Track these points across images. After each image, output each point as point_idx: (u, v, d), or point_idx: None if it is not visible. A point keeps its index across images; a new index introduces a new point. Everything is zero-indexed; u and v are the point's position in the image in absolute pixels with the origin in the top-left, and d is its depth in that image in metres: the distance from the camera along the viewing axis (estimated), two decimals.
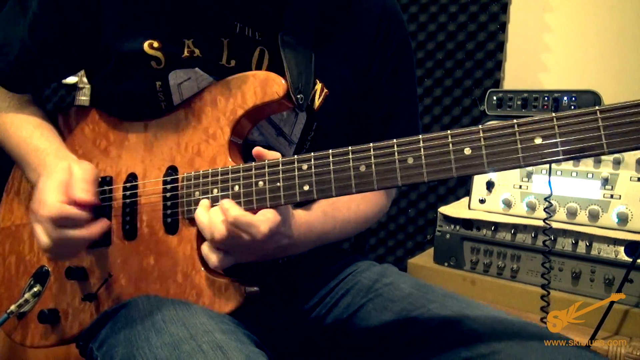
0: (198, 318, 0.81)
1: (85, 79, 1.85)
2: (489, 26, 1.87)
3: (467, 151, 0.69)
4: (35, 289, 1.01)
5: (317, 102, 1.00)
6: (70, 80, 1.89)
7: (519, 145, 0.66)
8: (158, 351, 0.75)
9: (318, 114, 1.00)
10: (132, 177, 0.97)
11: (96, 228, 0.87)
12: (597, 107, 0.62)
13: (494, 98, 1.57)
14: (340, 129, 1.06)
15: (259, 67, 0.97)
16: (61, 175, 0.87)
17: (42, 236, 0.85)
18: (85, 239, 0.87)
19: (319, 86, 0.99)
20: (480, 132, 0.68)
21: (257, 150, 0.85)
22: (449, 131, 0.70)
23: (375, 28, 1.05)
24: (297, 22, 0.97)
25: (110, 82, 0.97)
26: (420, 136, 0.72)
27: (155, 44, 0.92)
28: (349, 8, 1.03)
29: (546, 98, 1.49)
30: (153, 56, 0.93)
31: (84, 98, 1.85)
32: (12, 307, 0.99)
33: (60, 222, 0.84)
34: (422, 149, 0.71)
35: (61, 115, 1.08)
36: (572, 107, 1.39)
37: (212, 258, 0.85)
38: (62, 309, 0.99)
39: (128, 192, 0.96)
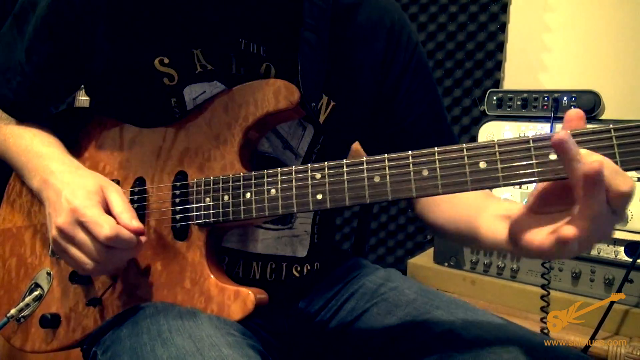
0: (204, 330, 0.80)
1: None
2: (489, 26, 1.87)
3: (483, 165, 0.68)
4: (36, 293, 1.00)
5: (323, 115, 0.99)
6: None
7: (534, 161, 0.66)
8: None
9: (325, 127, 1.00)
10: (139, 181, 0.96)
11: (140, 247, 0.87)
12: (611, 125, 0.62)
13: (494, 98, 1.56)
14: (347, 142, 1.07)
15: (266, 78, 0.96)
16: (96, 197, 0.86)
17: (84, 257, 0.84)
18: (132, 257, 0.89)
19: (324, 100, 0.98)
20: (496, 146, 0.68)
21: None
22: (464, 144, 0.70)
23: (385, 39, 1.02)
24: (315, 20, 0.95)
25: (121, 99, 0.97)
26: (436, 148, 0.71)
27: (166, 60, 0.92)
28: (355, 20, 1.01)
29: (546, 98, 1.49)
30: (165, 73, 0.92)
31: (84, 98, 1.83)
32: (13, 311, 0.98)
33: (113, 243, 0.83)
34: (437, 162, 0.71)
35: (68, 118, 1.07)
36: (572, 107, 1.39)
37: None
38: (65, 313, 0.98)
39: (136, 197, 0.95)
